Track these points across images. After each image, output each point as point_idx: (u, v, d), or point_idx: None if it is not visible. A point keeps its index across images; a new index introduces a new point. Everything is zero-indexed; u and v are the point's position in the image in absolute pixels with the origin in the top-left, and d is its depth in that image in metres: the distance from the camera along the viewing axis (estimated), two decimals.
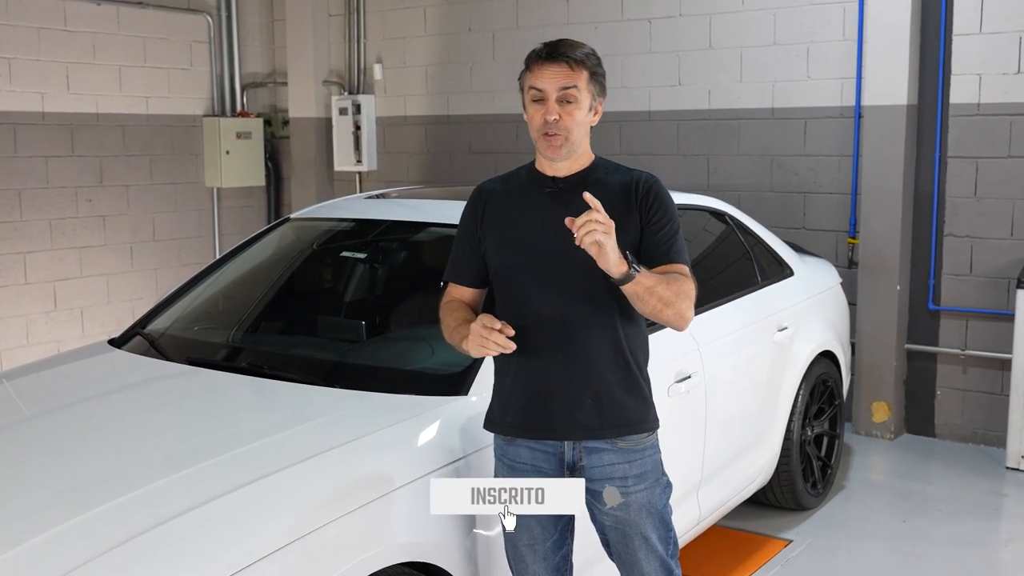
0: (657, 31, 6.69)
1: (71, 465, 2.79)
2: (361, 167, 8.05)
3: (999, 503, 5.12)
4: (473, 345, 2.58)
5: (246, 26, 8.31)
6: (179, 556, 2.31)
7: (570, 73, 2.63)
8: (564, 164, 2.71)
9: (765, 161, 6.42)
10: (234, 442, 2.82)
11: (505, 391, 2.76)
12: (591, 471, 2.71)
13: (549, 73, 2.64)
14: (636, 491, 2.72)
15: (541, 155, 2.72)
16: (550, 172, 2.73)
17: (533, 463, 2.74)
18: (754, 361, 4.37)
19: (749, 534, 4.69)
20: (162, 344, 3.75)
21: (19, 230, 6.95)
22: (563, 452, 2.72)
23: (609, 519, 2.75)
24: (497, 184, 2.85)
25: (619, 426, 2.69)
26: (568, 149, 2.66)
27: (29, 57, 6.90)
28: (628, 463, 2.71)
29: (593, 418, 2.67)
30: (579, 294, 2.65)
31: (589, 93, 2.66)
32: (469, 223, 2.83)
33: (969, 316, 5.91)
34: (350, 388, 3.21)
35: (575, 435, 2.69)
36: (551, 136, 2.64)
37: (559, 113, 2.62)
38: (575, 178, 2.72)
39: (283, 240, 4.38)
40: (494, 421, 2.81)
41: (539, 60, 2.67)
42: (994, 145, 5.73)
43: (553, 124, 2.62)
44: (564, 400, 2.67)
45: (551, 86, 2.63)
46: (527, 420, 2.72)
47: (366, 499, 2.63)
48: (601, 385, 2.67)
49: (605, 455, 2.70)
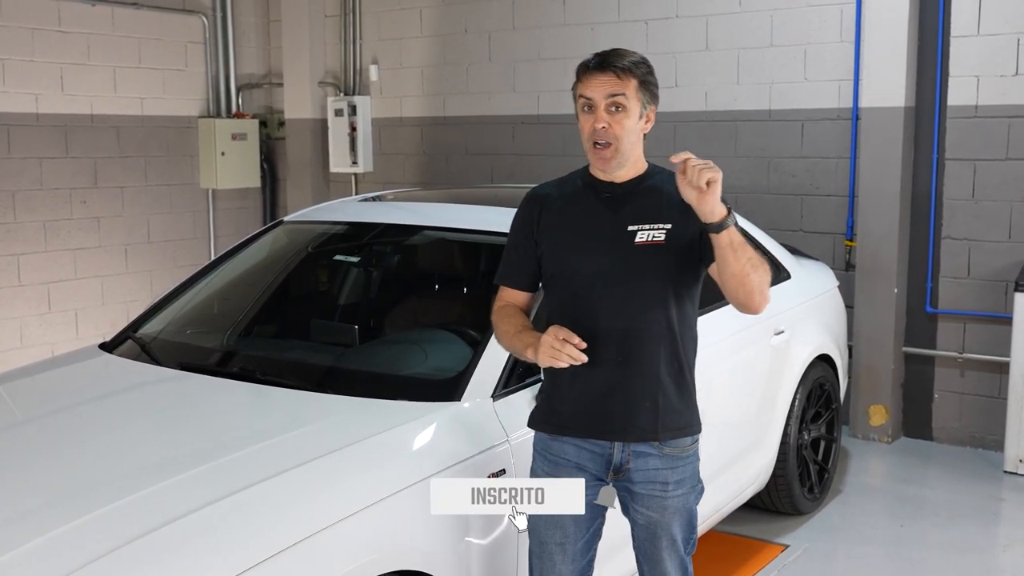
0: (654, 32, 6.66)
1: (58, 472, 2.76)
2: (357, 168, 8.03)
3: (997, 507, 5.10)
4: (544, 355, 2.60)
5: (241, 27, 8.28)
6: (165, 565, 2.29)
7: (618, 82, 2.66)
8: (619, 172, 2.74)
9: (762, 163, 6.40)
10: (222, 450, 2.79)
11: (560, 390, 2.79)
12: (636, 473, 2.76)
13: (597, 82, 2.67)
14: (674, 496, 2.78)
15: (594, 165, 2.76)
16: (605, 178, 2.77)
17: (578, 461, 2.77)
18: (750, 365, 4.35)
19: (745, 539, 4.66)
20: (153, 348, 3.72)
21: (13, 232, 6.92)
22: (611, 453, 2.75)
23: (643, 518, 2.80)
24: (551, 189, 2.88)
25: (672, 429, 2.75)
26: (618, 160, 2.70)
27: (23, 58, 6.86)
28: (671, 469, 2.77)
29: (649, 421, 2.72)
30: (639, 298, 2.69)
31: (639, 101, 2.69)
32: (524, 226, 2.86)
33: (967, 319, 5.89)
34: (343, 393, 3.19)
35: (631, 436, 2.73)
36: (601, 148, 2.67)
37: (608, 122, 2.66)
38: (631, 184, 2.76)
39: (276, 243, 4.36)
40: (542, 419, 2.84)
41: (588, 70, 2.70)
42: (992, 147, 5.70)
43: (602, 132, 2.65)
44: (623, 402, 2.71)
45: (599, 94, 2.66)
46: (583, 419, 2.75)
47: (357, 507, 2.61)
48: (659, 388, 2.72)
49: (651, 459, 2.75)
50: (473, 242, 4.01)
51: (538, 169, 7.20)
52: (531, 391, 3.19)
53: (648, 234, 2.68)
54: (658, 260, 2.68)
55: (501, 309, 2.87)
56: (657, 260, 2.68)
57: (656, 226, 2.69)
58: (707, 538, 4.44)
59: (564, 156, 7.10)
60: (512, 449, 3.03)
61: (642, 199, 2.73)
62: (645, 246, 2.68)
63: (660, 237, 2.68)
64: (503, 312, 2.86)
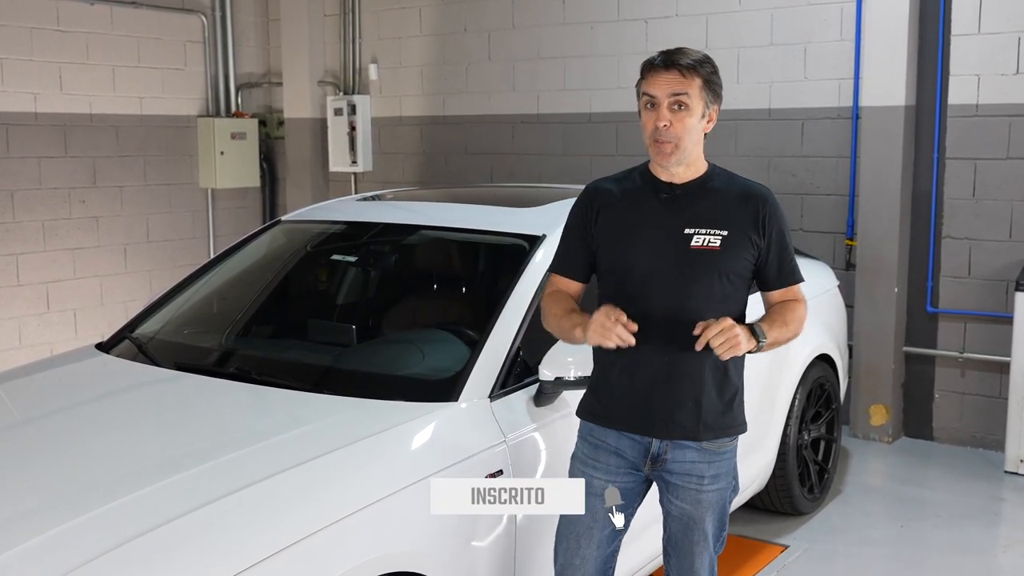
0: (653, 31, 6.64)
1: (54, 472, 2.75)
2: (356, 168, 8.01)
3: (998, 508, 5.08)
4: (594, 333, 2.61)
5: (241, 26, 8.27)
6: (161, 566, 2.28)
7: (682, 80, 2.67)
8: (679, 170, 2.75)
9: (762, 162, 6.38)
10: (218, 450, 2.78)
11: (607, 384, 2.82)
12: (672, 465, 2.79)
13: (661, 80, 2.68)
14: (710, 490, 2.80)
15: (654, 161, 2.76)
16: (665, 178, 2.77)
17: (617, 447, 2.81)
18: (749, 365, 4.30)
19: (745, 539, 4.64)
20: (150, 349, 3.71)
21: (12, 231, 6.91)
22: (651, 444, 2.79)
23: (677, 510, 2.83)
24: (611, 185, 2.88)
25: (713, 429, 2.78)
26: (678, 156, 2.70)
27: (22, 57, 6.85)
28: (708, 463, 2.79)
29: (691, 420, 2.75)
30: (691, 300, 2.71)
31: (702, 100, 2.70)
32: (581, 218, 2.87)
33: (967, 319, 5.87)
34: (339, 394, 3.17)
35: (672, 435, 2.77)
36: (661, 143, 2.68)
37: (670, 120, 2.66)
38: (691, 185, 2.76)
39: (274, 243, 4.34)
40: (588, 410, 2.88)
41: (653, 68, 2.71)
42: (993, 146, 5.69)
43: (663, 131, 2.66)
44: (666, 400, 2.74)
45: (662, 93, 2.67)
46: (626, 414, 2.79)
47: (354, 507, 2.60)
48: (703, 389, 2.75)
49: (689, 452, 2.78)
50: (471, 242, 4.00)
51: (538, 169, 7.19)
52: (528, 392, 3.18)
53: (704, 239, 2.70)
54: (711, 265, 2.71)
55: (552, 294, 2.89)
56: (710, 265, 2.71)
57: (713, 232, 2.71)
58: None
59: (564, 155, 7.09)
60: (509, 450, 3.02)
61: (701, 202, 2.74)
62: (700, 250, 2.70)
63: (716, 243, 2.70)
64: (553, 296, 2.88)
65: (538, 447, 3.14)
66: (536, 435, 3.14)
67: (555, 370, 3.03)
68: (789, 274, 2.84)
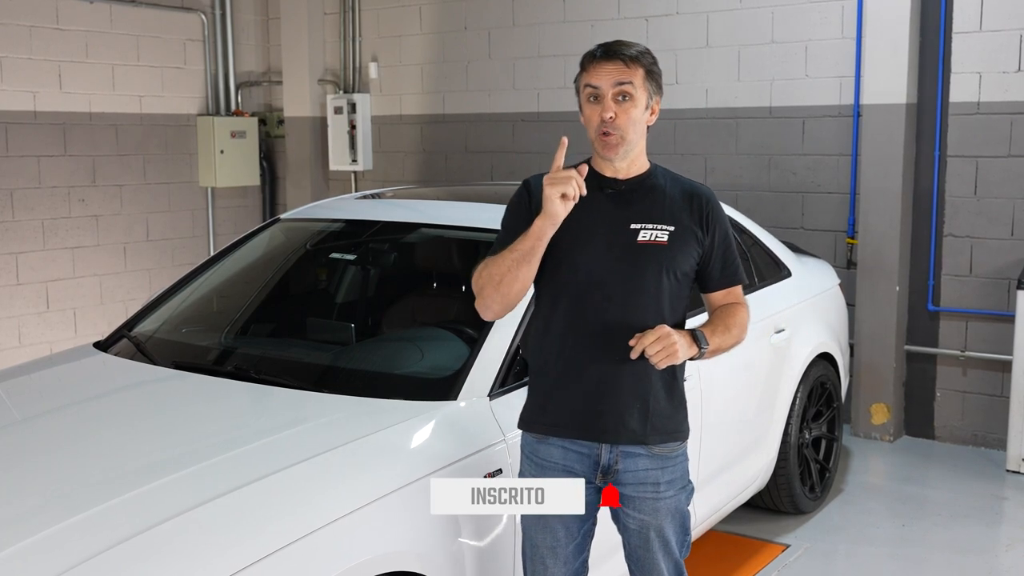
0: (654, 29, 6.63)
1: (51, 471, 2.74)
2: (356, 166, 8.00)
3: (999, 507, 5.07)
4: (554, 192, 2.48)
5: (241, 24, 8.26)
6: (159, 565, 2.28)
7: (625, 70, 2.63)
8: (623, 165, 2.71)
9: (763, 160, 6.36)
10: (216, 449, 2.77)
11: (547, 390, 2.75)
12: (625, 475, 2.72)
13: (604, 71, 2.63)
14: (666, 496, 2.74)
15: (599, 155, 2.71)
16: (609, 173, 2.72)
17: (565, 463, 2.73)
18: (751, 364, 4.32)
19: (746, 538, 4.63)
20: (148, 347, 3.70)
21: (11, 230, 6.90)
22: (599, 455, 2.71)
23: (634, 523, 2.75)
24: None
25: (662, 432, 2.71)
26: (625, 148, 2.66)
27: (21, 56, 6.84)
28: (661, 469, 2.73)
29: (640, 423, 2.69)
30: (636, 297, 2.66)
31: (645, 91, 2.66)
32: (521, 208, 2.74)
33: (969, 317, 5.86)
34: (338, 393, 3.16)
35: (622, 439, 2.69)
36: (607, 136, 2.63)
37: (615, 111, 2.62)
38: (635, 181, 2.73)
39: (273, 241, 4.33)
40: (531, 420, 2.79)
41: (594, 59, 2.66)
42: (994, 144, 5.67)
43: (610, 122, 2.62)
44: (615, 404, 2.67)
45: (607, 83, 2.63)
46: (571, 421, 2.70)
47: (353, 507, 2.59)
48: (650, 391, 2.69)
49: (640, 460, 2.71)
50: (470, 240, 3.98)
51: (538, 167, 7.13)
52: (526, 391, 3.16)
53: (652, 234, 2.66)
54: (659, 260, 2.66)
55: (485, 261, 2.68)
56: (658, 260, 2.66)
57: (660, 227, 2.67)
58: (707, 538, 4.42)
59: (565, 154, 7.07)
60: (509, 449, 3.00)
61: (647, 198, 2.71)
62: (647, 245, 2.66)
63: (663, 238, 2.66)
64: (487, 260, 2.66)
65: None
66: None
67: None
68: (732, 274, 2.78)
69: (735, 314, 2.77)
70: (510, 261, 2.59)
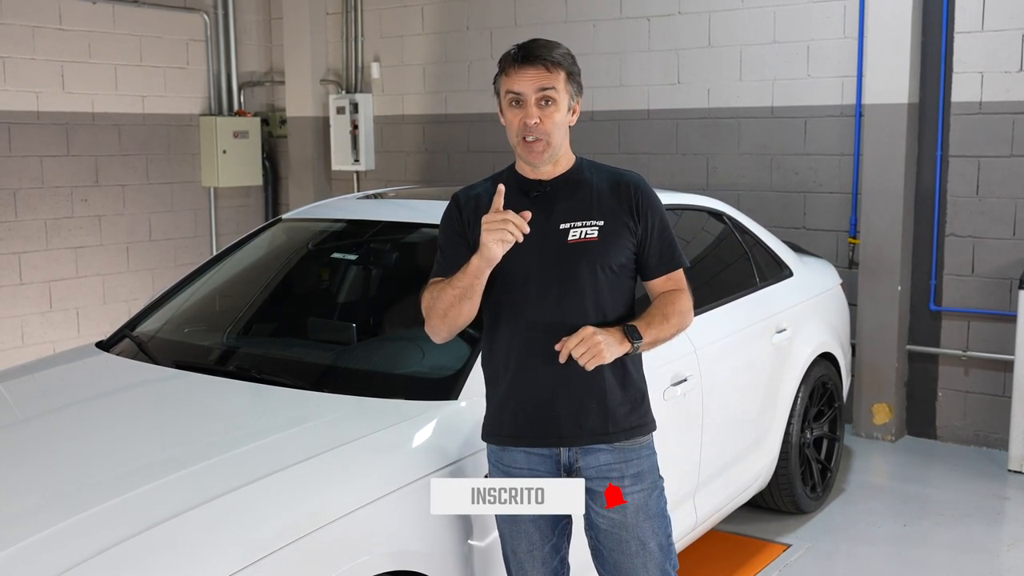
0: (656, 29, 6.63)
1: (53, 471, 2.74)
2: (359, 166, 8.01)
3: (1001, 507, 5.06)
4: (491, 240, 2.46)
5: (243, 24, 8.27)
6: (160, 564, 2.28)
7: (547, 75, 2.58)
8: (548, 167, 2.68)
9: (765, 160, 6.36)
10: (217, 448, 2.77)
11: (500, 399, 2.72)
12: (587, 471, 2.67)
13: (527, 76, 2.58)
14: (633, 492, 2.68)
15: (523, 161, 2.68)
16: (533, 176, 2.69)
17: (529, 467, 2.70)
18: (752, 363, 4.32)
19: (747, 538, 4.63)
20: (150, 347, 3.70)
21: (14, 230, 6.91)
22: (559, 455, 2.68)
23: (605, 522, 2.70)
24: (478, 191, 2.77)
25: (624, 429, 2.67)
26: (550, 153, 2.63)
27: (24, 56, 6.85)
28: (625, 463, 2.68)
29: (599, 423, 2.65)
30: (574, 297, 2.62)
31: (567, 94, 2.62)
32: (453, 225, 2.75)
33: (971, 317, 5.85)
34: (339, 392, 3.17)
35: (581, 441, 2.65)
36: (532, 142, 2.60)
37: (539, 116, 2.58)
38: (560, 180, 2.69)
39: (274, 241, 4.33)
40: (491, 431, 2.75)
41: (515, 63, 2.60)
42: (996, 144, 5.67)
43: (534, 128, 2.58)
44: (568, 406, 2.64)
45: (529, 88, 2.58)
46: (529, 428, 2.67)
47: (353, 506, 2.59)
48: (604, 388, 2.64)
49: (602, 455, 2.67)
50: None
51: None
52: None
53: (581, 231, 2.62)
54: (592, 257, 2.62)
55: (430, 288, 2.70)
56: (591, 257, 2.62)
57: (589, 223, 2.63)
58: (708, 537, 4.42)
59: None
60: None
61: (573, 195, 2.66)
62: (578, 243, 2.62)
63: (593, 234, 2.62)
64: (431, 289, 2.68)
65: None
66: None
67: None
68: (670, 259, 2.71)
69: (674, 302, 2.69)
70: (451, 297, 2.59)
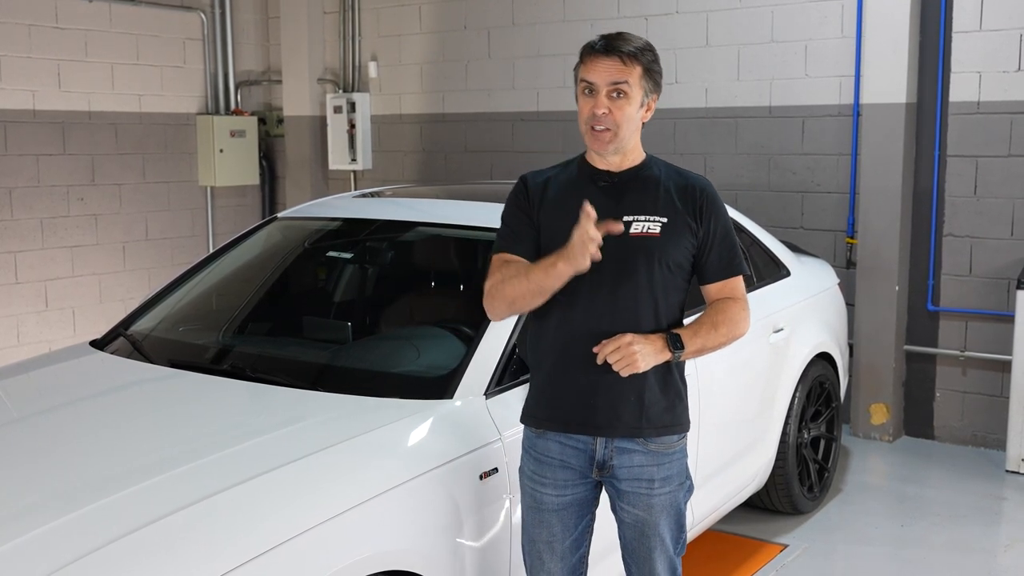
0: (653, 28, 6.62)
1: (46, 470, 2.73)
2: (356, 166, 7.99)
3: (999, 507, 5.06)
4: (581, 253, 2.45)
5: (240, 23, 8.25)
6: (153, 563, 2.27)
7: (622, 68, 2.61)
8: (616, 159, 2.70)
9: (763, 160, 6.35)
10: (211, 447, 2.76)
11: (543, 384, 2.75)
12: (620, 471, 2.71)
13: (602, 66, 2.61)
14: (660, 493, 2.73)
15: (589, 148, 2.71)
16: (602, 166, 2.72)
17: (562, 458, 2.73)
18: (749, 363, 4.30)
19: (744, 539, 4.62)
20: (144, 346, 3.69)
21: (10, 229, 6.89)
22: (594, 449, 2.71)
23: (629, 517, 2.75)
24: (546, 175, 2.80)
25: (659, 426, 2.70)
26: (616, 145, 2.65)
27: (20, 54, 6.83)
28: (657, 465, 2.72)
29: (635, 416, 2.68)
30: (627, 289, 2.65)
31: (641, 89, 2.64)
32: (520, 203, 2.76)
33: (969, 317, 5.84)
34: (334, 391, 3.16)
35: (617, 432, 2.68)
36: (599, 131, 2.62)
37: (608, 107, 2.61)
38: (629, 173, 2.71)
39: (270, 239, 4.32)
40: (529, 414, 2.80)
41: (593, 53, 2.64)
42: (994, 144, 5.66)
43: (601, 117, 2.60)
44: (607, 397, 2.67)
45: (602, 80, 2.61)
46: (567, 414, 2.70)
47: (348, 505, 2.58)
48: (644, 383, 2.67)
49: (636, 456, 2.70)
50: (468, 238, 3.97)
51: (538, 166, 7.11)
52: (524, 389, 3.15)
53: (644, 225, 2.65)
54: (651, 252, 2.65)
55: (502, 264, 2.69)
56: (650, 251, 2.65)
57: (652, 218, 2.66)
58: (705, 537, 4.41)
59: (563, 153, 7.01)
60: (505, 447, 3.00)
61: (640, 190, 2.69)
62: (640, 237, 2.65)
63: (655, 230, 2.65)
64: (508, 266, 2.68)
65: None
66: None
67: None
68: (728, 266, 2.74)
69: (725, 310, 2.72)
70: (525, 290, 2.60)
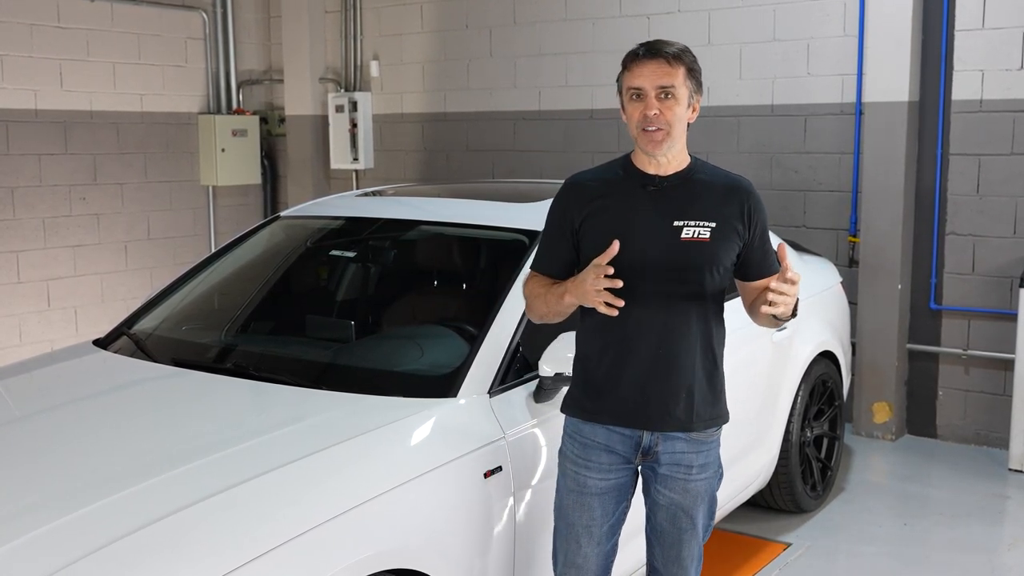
0: (655, 27, 6.61)
1: (49, 469, 2.73)
2: (358, 165, 7.99)
3: (1002, 506, 5.05)
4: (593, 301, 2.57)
5: (242, 23, 8.25)
6: (157, 562, 2.27)
7: (668, 69, 2.66)
8: (664, 161, 2.73)
9: (765, 159, 6.35)
10: (215, 446, 2.76)
11: (593, 379, 2.79)
12: (663, 456, 2.78)
13: (648, 70, 2.67)
14: (698, 479, 2.80)
15: (642, 151, 2.73)
16: (651, 169, 2.75)
17: (608, 443, 2.79)
18: (752, 362, 4.30)
19: (747, 537, 4.62)
20: (147, 345, 3.69)
21: (12, 228, 6.90)
22: (641, 437, 2.77)
23: (664, 499, 2.82)
24: (593, 178, 2.84)
25: (706, 419, 2.78)
26: (669, 144, 2.69)
27: (22, 54, 6.84)
28: (696, 452, 2.79)
29: (685, 412, 2.74)
30: (679, 291, 2.70)
31: (687, 89, 2.69)
32: (563, 214, 2.82)
33: (971, 316, 5.84)
34: (337, 390, 3.16)
35: (667, 426, 2.75)
36: (652, 132, 2.66)
37: (659, 108, 2.65)
38: (677, 177, 2.75)
39: (272, 239, 4.32)
40: (576, 406, 2.84)
41: (637, 59, 2.70)
42: (997, 142, 5.65)
43: (653, 119, 2.64)
44: (660, 394, 2.73)
45: (650, 83, 2.66)
46: (618, 409, 2.76)
47: (352, 503, 2.58)
48: (695, 380, 2.74)
49: (678, 443, 2.78)
50: (471, 237, 3.97)
51: (539, 165, 7.17)
52: (527, 388, 3.16)
53: (694, 231, 2.69)
54: (702, 257, 2.69)
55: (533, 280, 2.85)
56: (701, 257, 2.69)
57: (702, 223, 2.70)
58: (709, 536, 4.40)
59: (565, 152, 7.06)
60: (509, 446, 3.00)
61: (688, 194, 2.72)
62: (690, 242, 2.68)
63: (705, 235, 2.69)
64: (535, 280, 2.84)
65: (538, 443, 3.12)
66: (536, 431, 3.12)
67: (555, 366, 3.01)
68: (770, 265, 2.82)
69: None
70: (547, 311, 2.77)
